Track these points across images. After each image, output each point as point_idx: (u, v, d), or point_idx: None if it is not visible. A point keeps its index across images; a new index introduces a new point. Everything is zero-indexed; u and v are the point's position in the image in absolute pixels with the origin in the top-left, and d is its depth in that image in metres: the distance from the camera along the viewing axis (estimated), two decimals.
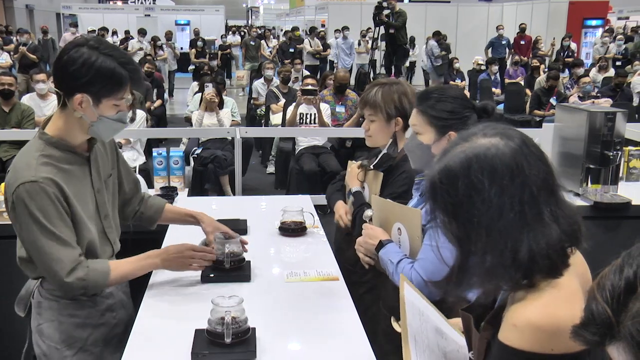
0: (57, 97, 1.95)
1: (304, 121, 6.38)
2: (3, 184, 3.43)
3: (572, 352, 1.12)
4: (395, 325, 1.53)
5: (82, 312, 2.01)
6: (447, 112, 2.04)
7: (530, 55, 15.12)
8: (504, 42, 15.99)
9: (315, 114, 6.32)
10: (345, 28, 16.17)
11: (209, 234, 2.36)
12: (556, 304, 1.14)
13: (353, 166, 2.72)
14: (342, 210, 2.67)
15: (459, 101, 2.08)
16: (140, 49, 14.99)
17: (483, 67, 12.55)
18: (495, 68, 12.33)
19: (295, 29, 18.40)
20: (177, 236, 2.74)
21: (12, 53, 13.22)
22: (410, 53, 16.57)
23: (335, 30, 16.71)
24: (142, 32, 15.74)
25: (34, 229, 1.84)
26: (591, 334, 0.79)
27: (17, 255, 2.02)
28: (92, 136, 2.00)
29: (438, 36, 15.79)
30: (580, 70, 10.32)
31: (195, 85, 8.80)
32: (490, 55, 15.02)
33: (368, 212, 2.26)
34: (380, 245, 2.11)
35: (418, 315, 1.53)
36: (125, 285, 2.22)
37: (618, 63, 13.80)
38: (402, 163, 2.57)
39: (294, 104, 6.59)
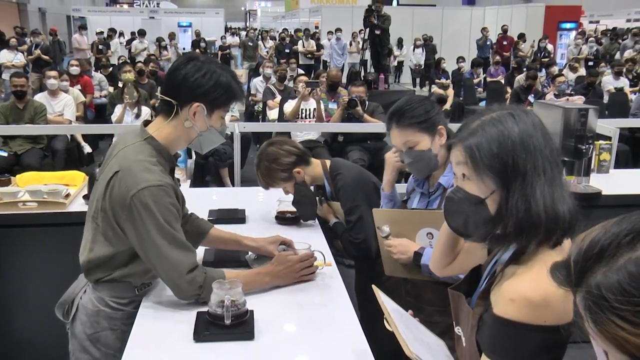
0: (164, 109, 1.87)
1: (302, 116, 6.37)
2: (21, 176, 3.43)
3: (561, 324, 1.14)
4: (386, 324, 1.54)
5: None
6: (426, 113, 2.02)
7: (511, 55, 15.18)
8: (488, 43, 16.11)
9: (312, 109, 6.32)
10: (338, 30, 16.12)
11: (273, 252, 2.17)
12: (544, 278, 1.15)
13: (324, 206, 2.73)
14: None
15: (424, 101, 2.08)
16: (144, 49, 14.92)
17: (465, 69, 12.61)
18: (479, 70, 12.34)
19: (298, 30, 18.45)
20: None
21: (25, 53, 13.12)
22: (398, 53, 16.57)
23: (328, 32, 16.65)
24: (142, 34, 15.68)
25: (155, 234, 1.74)
26: (558, 277, 0.79)
27: (84, 259, 1.89)
28: (193, 148, 1.97)
29: (546, 39, 15.70)
30: (554, 69, 10.36)
31: None
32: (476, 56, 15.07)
33: (385, 229, 2.14)
34: (417, 255, 2.05)
35: (399, 315, 1.54)
36: None
37: (590, 63, 13.84)
38: (334, 182, 2.59)
39: (290, 100, 6.58)
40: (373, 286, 1.69)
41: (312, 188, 2.68)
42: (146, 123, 1.92)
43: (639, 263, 0.69)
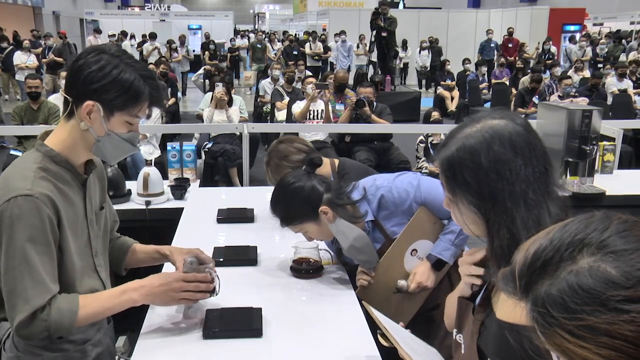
0: (64, 106, 1.56)
1: (310, 116, 6.38)
2: None
3: None
4: (380, 339, 1.53)
5: None
6: (300, 204, 1.98)
7: (517, 57, 15.12)
8: (492, 45, 16.05)
9: (320, 110, 6.33)
10: (342, 32, 16.10)
11: (177, 262, 1.81)
12: None
13: None
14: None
15: (299, 185, 2.00)
16: (155, 48, 15.01)
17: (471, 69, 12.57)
18: (484, 69, 12.32)
19: (307, 32, 18.52)
20: (190, 229, 2.74)
21: (39, 56, 13.24)
22: (403, 55, 16.55)
23: (335, 34, 16.66)
24: (152, 37, 15.78)
25: (11, 254, 1.43)
26: (505, 284, 0.77)
27: None
28: (96, 155, 1.61)
29: (549, 41, 15.52)
30: (557, 70, 10.34)
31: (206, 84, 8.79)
32: (480, 57, 15.03)
33: (402, 283, 2.05)
34: (438, 263, 2.02)
35: (395, 328, 1.53)
36: (110, 330, 1.82)
37: (600, 65, 13.74)
38: (341, 180, 2.52)
39: (298, 101, 6.58)
40: (363, 302, 1.68)
41: None
42: (49, 132, 1.62)
43: (580, 275, 0.67)
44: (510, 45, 15.93)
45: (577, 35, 17.02)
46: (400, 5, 25.59)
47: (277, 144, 2.66)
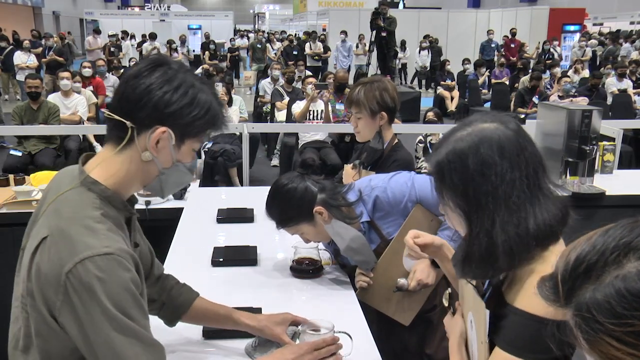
0: (112, 134, 1.26)
1: (310, 117, 6.38)
2: (35, 175, 3.45)
3: None
4: (444, 300, 1.51)
5: None
6: (294, 205, 1.99)
7: (518, 58, 15.13)
8: (493, 46, 16.06)
9: (319, 110, 6.33)
10: (342, 32, 16.09)
11: (282, 337, 1.63)
12: None
13: (347, 168, 2.66)
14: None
15: (292, 186, 2.01)
16: (154, 48, 15.04)
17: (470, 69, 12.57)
18: (483, 70, 12.31)
19: (306, 32, 18.52)
20: (190, 229, 2.74)
21: (39, 55, 13.26)
22: (401, 55, 16.55)
23: (341, 33, 16.63)
24: (152, 37, 15.81)
25: (104, 328, 1.13)
26: (545, 293, 0.76)
27: (12, 346, 1.24)
28: (149, 190, 1.36)
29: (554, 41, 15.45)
30: (557, 70, 10.35)
31: None
32: (480, 57, 15.02)
33: (402, 281, 2.01)
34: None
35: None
36: None
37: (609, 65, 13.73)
38: (392, 153, 2.51)
39: (298, 101, 6.58)
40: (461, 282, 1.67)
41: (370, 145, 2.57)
42: (87, 157, 1.31)
43: (628, 279, 0.66)
44: (512, 45, 15.93)
45: (577, 35, 17.06)
46: (400, 5, 25.60)
47: (387, 80, 2.58)
